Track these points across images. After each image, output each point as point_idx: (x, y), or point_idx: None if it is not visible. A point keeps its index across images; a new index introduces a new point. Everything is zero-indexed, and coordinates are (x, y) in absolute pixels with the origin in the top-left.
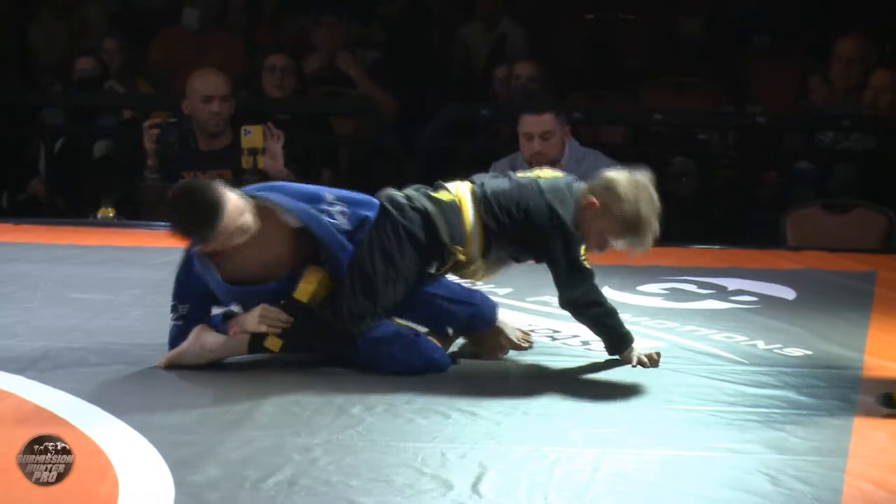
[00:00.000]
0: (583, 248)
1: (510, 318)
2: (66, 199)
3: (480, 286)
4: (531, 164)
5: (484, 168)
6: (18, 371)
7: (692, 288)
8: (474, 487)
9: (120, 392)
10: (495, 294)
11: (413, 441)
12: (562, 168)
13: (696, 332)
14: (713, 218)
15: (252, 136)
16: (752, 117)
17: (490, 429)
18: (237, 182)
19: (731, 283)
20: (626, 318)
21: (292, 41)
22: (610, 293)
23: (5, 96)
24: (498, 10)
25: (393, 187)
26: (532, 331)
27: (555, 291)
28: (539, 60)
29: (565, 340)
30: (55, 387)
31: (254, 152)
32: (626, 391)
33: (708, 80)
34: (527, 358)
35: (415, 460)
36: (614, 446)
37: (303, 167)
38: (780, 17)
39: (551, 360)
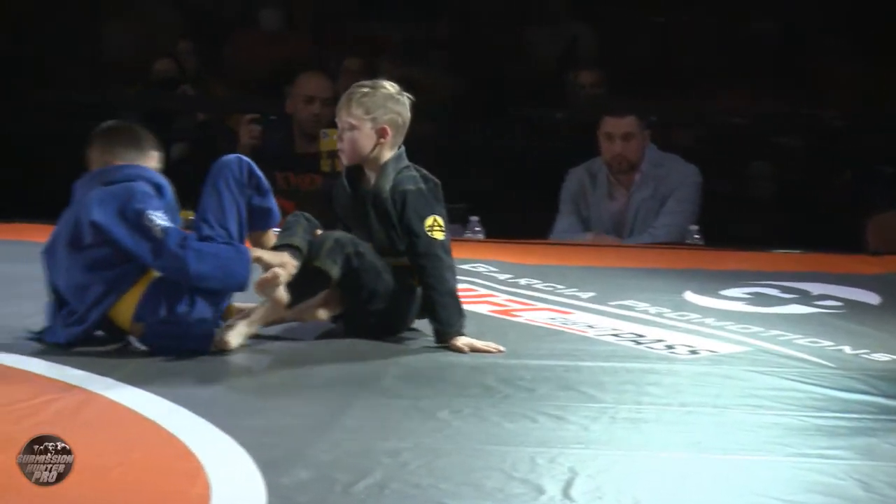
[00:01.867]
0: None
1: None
2: None
3: None
4: (611, 167)
5: (559, 172)
6: (106, 373)
7: (775, 293)
8: (565, 492)
9: (206, 393)
10: (579, 298)
11: (501, 445)
12: (641, 172)
13: (781, 337)
14: (791, 221)
15: (329, 138)
16: (831, 119)
17: (578, 433)
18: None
19: (815, 288)
20: (710, 321)
21: (367, 42)
22: (692, 297)
23: (81, 97)
24: (568, 12)
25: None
26: (615, 335)
27: (639, 295)
28: (607, 64)
29: (649, 344)
30: (142, 388)
31: (332, 155)
32: (713, 395)
33: (779, 81)
34: (612, 363)
35: (504, 464)
36: (703, 451)
37: None
38: (853, 17)
39: (636, 364)
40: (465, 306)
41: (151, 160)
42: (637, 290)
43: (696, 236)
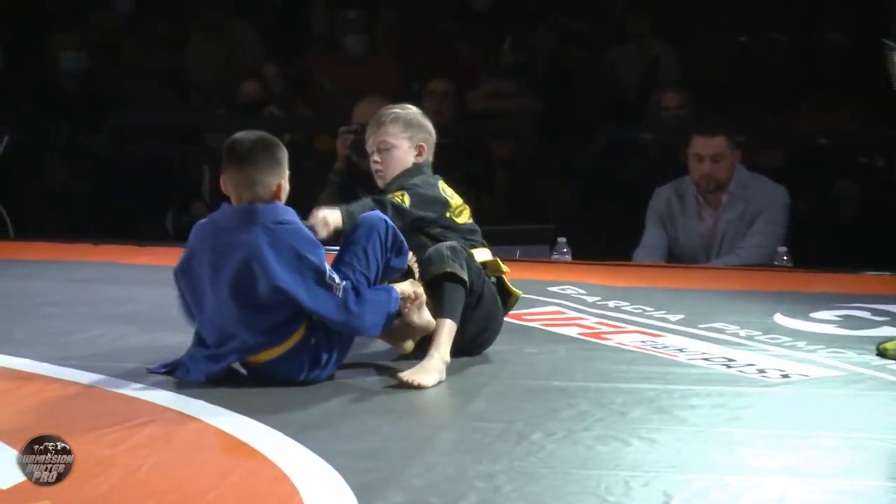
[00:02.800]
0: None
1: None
2: None
3: None
4: (699, 187)
5: (645, 193)
6: (200, 396)
7: (866, 315)
8: None
9: (299, 418)
10: (668, 320)
11: (595, 469)
12: (729, 193)
13: (873, 361)
14: (877, 242)
15: None
16: None
17: (672, 457)
18: None
19: None
20: (800, 345)
21: (454, 64)
22: (782, 319)
23: (168, 118)
24: (649, 32)
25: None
26: (706, 359)
27: (729, 318)
28: (689, 84)
29: (741, 368)
30: (236, 412)
31: None
32: (806, 419)
33: (862, 99)
34: (704, 386)
35: (598, 488)
36: (799, 475)
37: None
38: None
39: (728, 388)
40: (554, 329)
41: (286, 168)
42: (726, 313)
43: (785, 258)
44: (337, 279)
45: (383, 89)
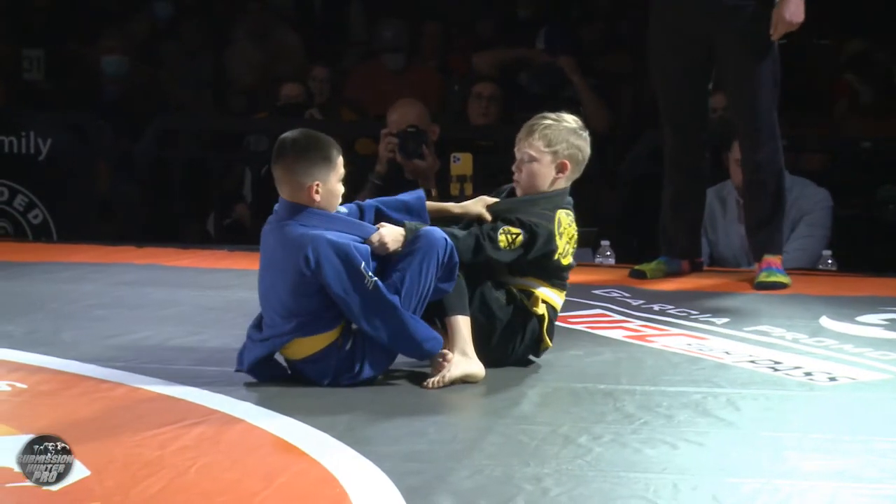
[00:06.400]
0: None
1: None
2: None
3: None
4: (740, 191)
5: None
6: (247, 398)
7: None
8: None
9: (346, 419)
10: (713, 323)
11: (643, 472)
12: None
13: None
14: None
15: (461, 163)
16: None
17: (720, 460)
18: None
19: None
20: (847, 348)
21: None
22: (828, 323)
23: (209, 122)
24: None
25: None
26: (752, 361)
27: (774, 321)
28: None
29: (788, 371)
30: (284, 414)
31: (462, 179)
32: (855, 422)
33: None
34: (750, 390)
35: (647, 491)
36: (848, 480)
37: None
38: None
39: (775, 391)
40: (599, 332)
41: (339, 168)
42: (772, 316)
43: (830, 261)
44: (370, 273)
45: (426, 93)
